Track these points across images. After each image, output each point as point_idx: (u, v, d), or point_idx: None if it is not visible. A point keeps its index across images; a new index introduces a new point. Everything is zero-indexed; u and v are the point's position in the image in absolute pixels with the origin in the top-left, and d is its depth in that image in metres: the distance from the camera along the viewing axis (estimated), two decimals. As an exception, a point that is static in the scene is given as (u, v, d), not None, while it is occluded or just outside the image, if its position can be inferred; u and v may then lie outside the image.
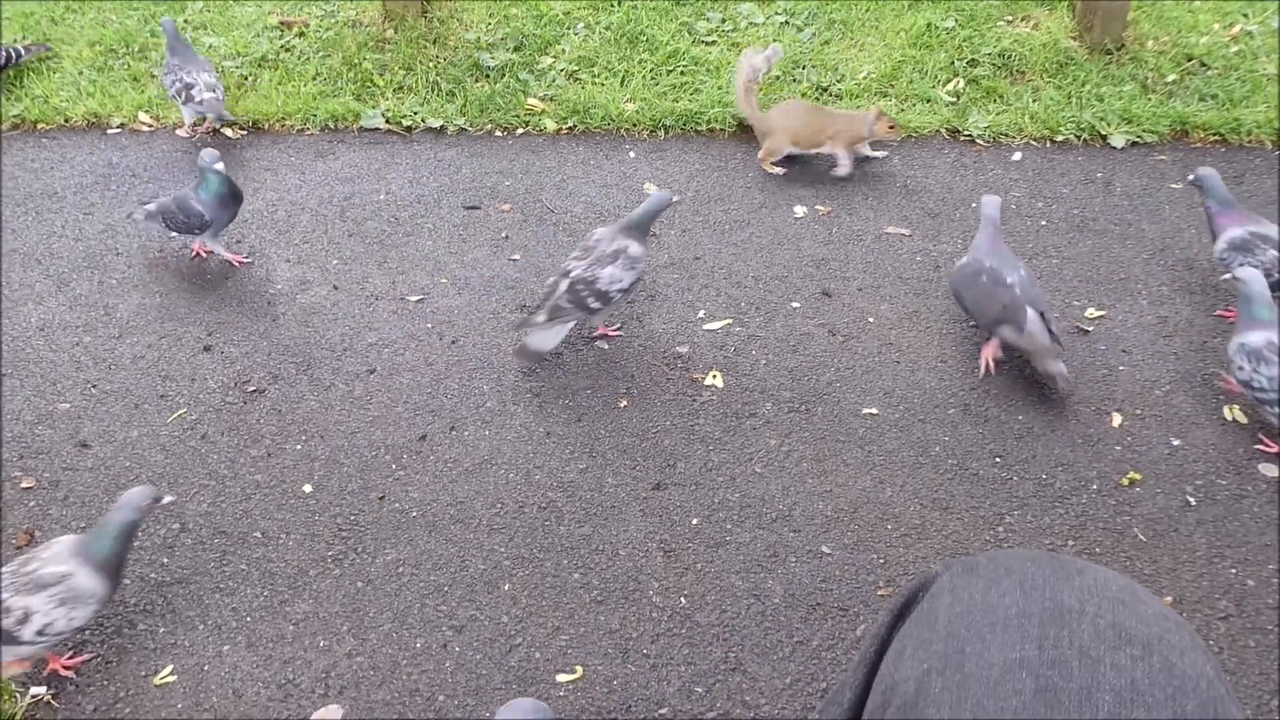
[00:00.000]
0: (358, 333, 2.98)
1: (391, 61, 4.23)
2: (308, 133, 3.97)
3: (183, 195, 3.16)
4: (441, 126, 3.94)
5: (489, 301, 3.05)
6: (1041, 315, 2.63)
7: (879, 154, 3.67)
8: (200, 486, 2.56)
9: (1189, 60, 4.06)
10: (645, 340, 2.90)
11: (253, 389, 2.80)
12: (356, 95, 4.10)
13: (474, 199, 3.52)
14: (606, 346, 2.87)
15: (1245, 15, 4.31)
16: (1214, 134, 3.73)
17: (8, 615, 2.01)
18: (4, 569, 2.09)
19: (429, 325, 2.99)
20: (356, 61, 4.25)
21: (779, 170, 3.60)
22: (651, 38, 4.28)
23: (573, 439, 2.64)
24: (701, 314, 2.98)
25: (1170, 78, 3.97)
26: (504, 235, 3.33)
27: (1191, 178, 2.98)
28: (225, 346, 2.96)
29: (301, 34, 4.50)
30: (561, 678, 2.15)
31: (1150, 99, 3.88)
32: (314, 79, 4.19)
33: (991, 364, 2.75)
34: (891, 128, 3.48)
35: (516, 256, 3.24)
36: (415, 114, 3.99)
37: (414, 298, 3.10)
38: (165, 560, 2.41)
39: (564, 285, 2.70)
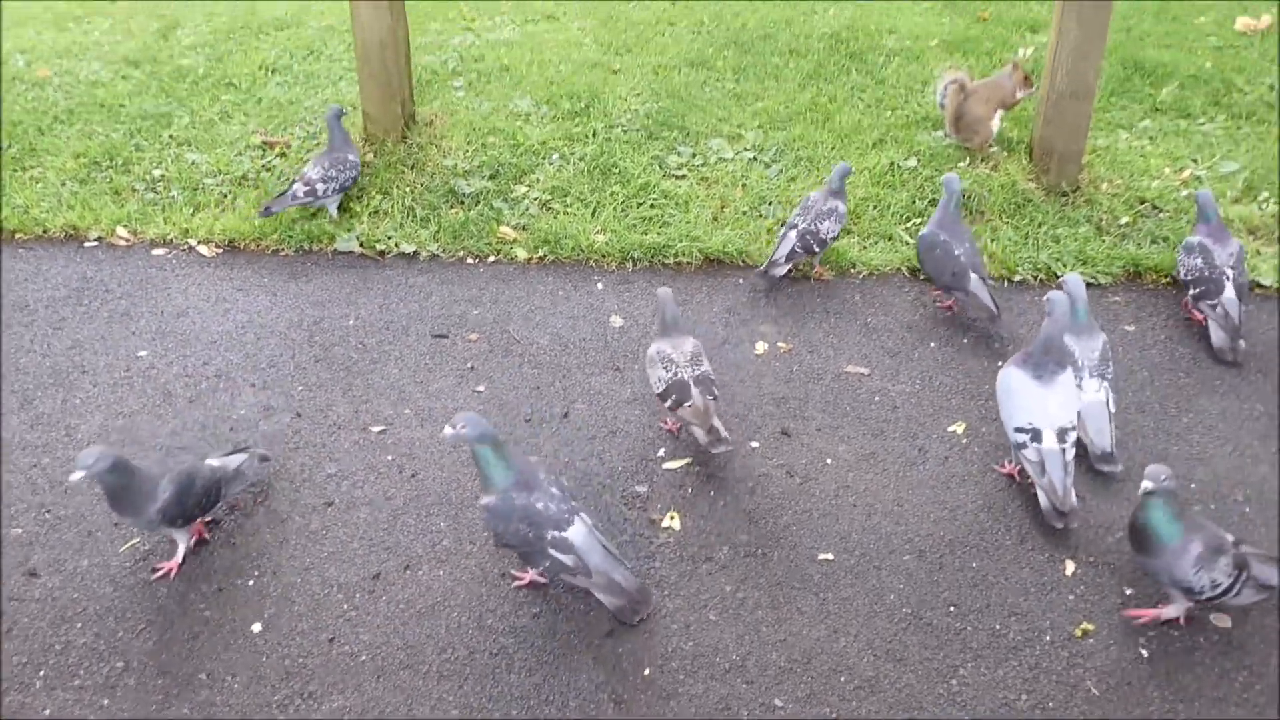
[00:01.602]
0: (318, 463, 2.98)
1: (369, 185, 4.32)
2: (283, 253, 4.02)
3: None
4: (415, 252, 4.01)
5: (451, 434, 3.05)
6: (983, 279, 3.47)
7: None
8: (147, 623, 2.52)
9: (1141, 203, 4.19)
10: (605, 478, 2.91)
11: (208, 519, 2.78)
12: (332, 218, 4.17)
13: (442, 327, 3.56)
14: (565, 483, 2.87)
15: (1194, 160, 4.47)
16: (1165, 276, 3.83)
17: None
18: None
19: (389, 457, 2.99)
20: (335, 185, 4.32)
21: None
22: (624, 170, 4.39)
23: (528, 580, 2.63)
24: (662, 452, 2.99)
25: (1123, 220, 4.10)
26: (470, 366, 3.36)
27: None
28: (184, 475, 2.94)
29: (283, 154, 4.60)
30: (504, 838, 2.09)
31: (1104, 241, 3.99)
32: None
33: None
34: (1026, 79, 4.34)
35: (481, 388, 3.26)
36: (389, 238, 4.06)
37: (376, 428, 3.10)
38: (105, 701, 2.35)
39: (793, 235, 3.66)
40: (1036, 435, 2.68)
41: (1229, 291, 3.37)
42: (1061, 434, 2.68)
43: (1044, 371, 2.73)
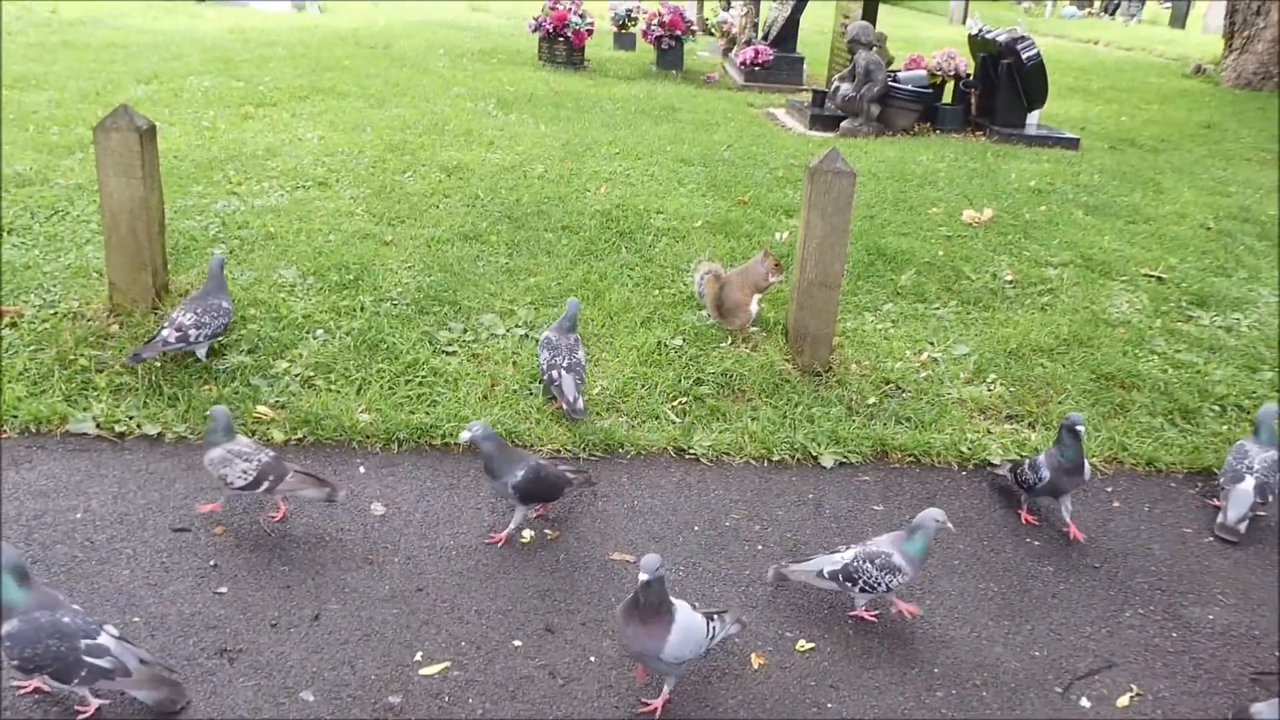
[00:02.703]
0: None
1: (112, 359, 4.06)
2: (4, 436, 3.68)
3: None
4: (159, 433, 3.76)
5: (185, 645, 2.81)
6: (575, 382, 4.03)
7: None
8: None
9: (887, 383, 4.51)
10: (356, 689, 2.73)
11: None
12: (67, 396, 3.88)
13: (184, 519, 3.32)
14: (311, 698, 2.68)
15: (931, 343, 4.89)
16: (909, 455, 4.10)
17: None
18: None
19: (111, 676, 2.70)
20: (72, 358, 4.05)
21: None
22: (392, 346, 4.34)
23: (264, 813, 2.40)
24: (419, 656, 2.86)
25: (871, 400, 4.39)
26: (212, 564, 3.13)
27: None
28: None
29: (14, 324, 4.27)
30: None
31: (854, 420, 4.25)
32: (20, 376, 3.94)
33: None
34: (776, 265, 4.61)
35: (224, 589, 3.04)
36: (131, 418, 3.80)
37: (98, 641, 2.81)
38: None
39: (570, 378, 4.03)
40: None
41: (1247, 483, 3.69)
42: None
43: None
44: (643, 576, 2.53)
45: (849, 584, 3.03)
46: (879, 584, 2.99)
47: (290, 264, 4.94)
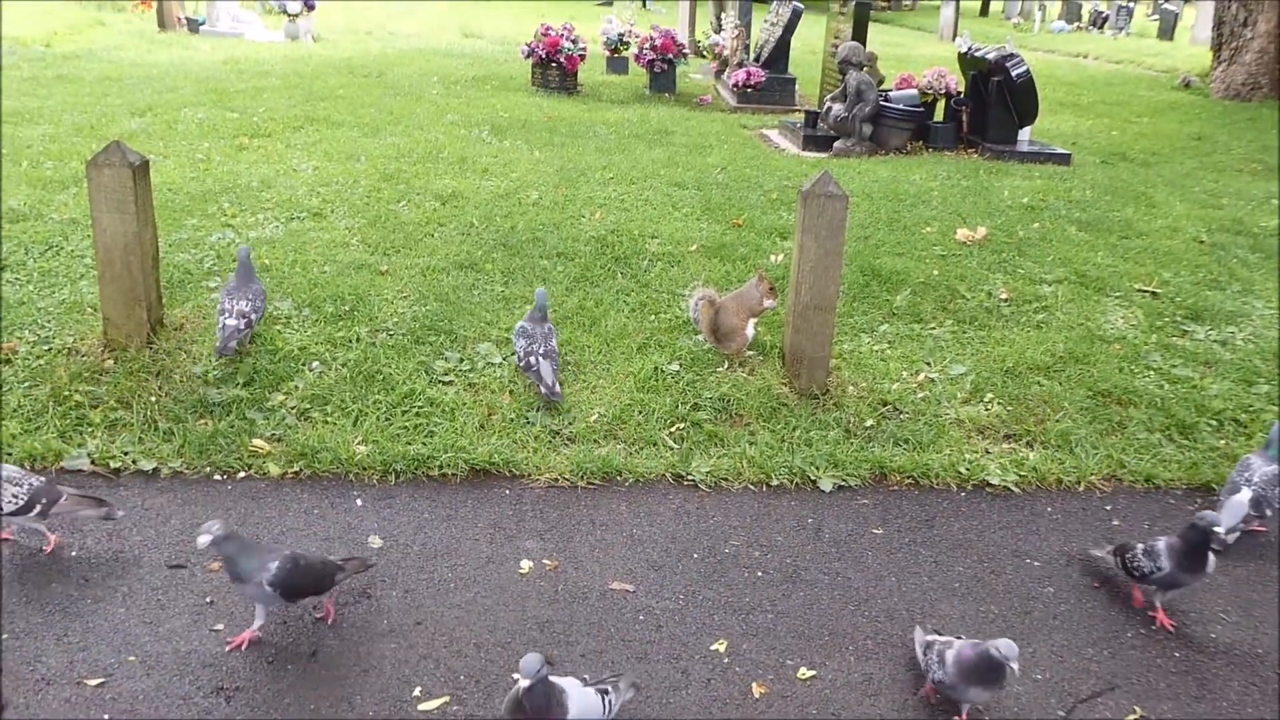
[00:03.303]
0: (19, 730, 2.63)
1: (107, 394, 4.06)
2: None
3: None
4: (155, 469, 3.75)
5: (180, 684, 2.79)
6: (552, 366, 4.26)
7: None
8: None
9: (884, 405, 4.51)
10: (354, 726, 2.72)
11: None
12: (61, 433, 3.87)
13: (180, 555, 3.31)
14: (311, 735, 2.66)
15: (928, 364, 4.88)
16: (908, 477, 4.09)
17: None
18: None
19: (106, 717, 2.69)
20: (67, 394, 4.04)
21: None
22: (388, 376, 4.34)
23: None
24: (418, 691, 2.84)
25: (868, 422, 4.38)
26: (208, 600, 3.12)
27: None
28: None
29: (9, 360, 4.26)
30: None
31: (852, 443, 4.24)
32: (14, 413, 3.94)
33: None
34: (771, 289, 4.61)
35: (220, 626, 3.02)
36: (126, 454, 3.80)
37: (93, 681, 2.79)
38: None
39: (547, 363, 4.27)
40: None
41: (1243, 494, 3.66)
42: None
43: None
44: (523, 683, 2.40)
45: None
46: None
47: (286, 296, 4.94)
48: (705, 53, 14.50)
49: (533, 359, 4.26)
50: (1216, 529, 3.13)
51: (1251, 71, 14.45)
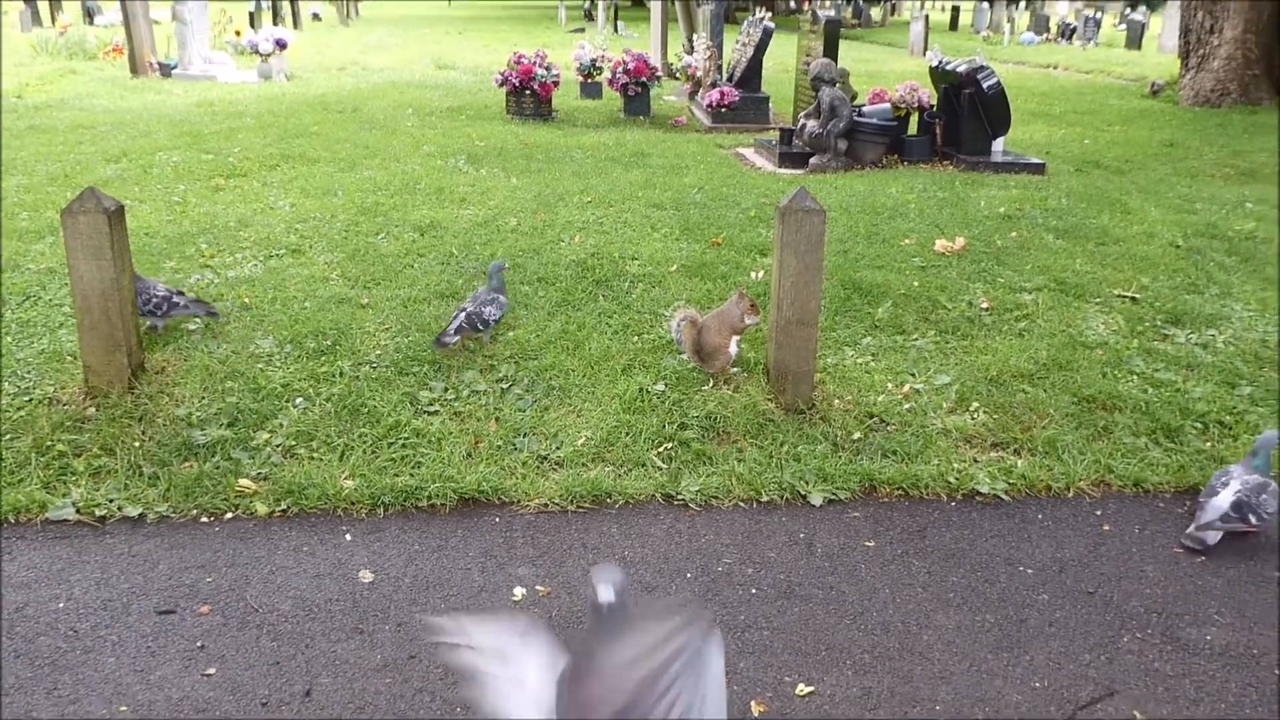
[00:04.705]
0: (10, 784, 2.60)
1: (90, 442, 4.03)
2: (-18, 527, 3.63)
3: None
4: (141, 514, 3.73)
5: (174, 731, 2.77)
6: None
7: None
8: None
9: (870, 418, 4.52)
10: (351, 764, 2.69)
11: None
12: (45, 483, 3.84)
13: (169, 600, 3.28)
14: (307, 776, 2.64)
15: (912, 375, 4.91)
16: (898, 489, 4.11)
17: None
18: None
19: (100, 768, 2.66)
20: (49, 444, 4.02)
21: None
22: (373, 409, 4.33)
23: None
24: (414, 726, 2.82)
25: (856, 435, 4.40)
26: (199, 645, 3.09)
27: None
28: None
29: (-11, 412, 4.23)
30: None
31: (841, 456, 4.26)
32: (-3, 466, 3.91)
33: None
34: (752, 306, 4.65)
35: (211, 671, 2.99)
36: (111, 501, 3.77)
37: (85, 732, 2.77)
38: None
39: (462, 316, 4.81)
40: None
41: (1221, 497, 3.72)
42: None
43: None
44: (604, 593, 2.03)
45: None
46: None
47: (267, 334, 4.93)
48: (679, 74, 14.63)
49: (457, 309, 4.84)
50: None
51: (1220, 78, 14.66)
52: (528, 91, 11.98)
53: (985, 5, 33.42)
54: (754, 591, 3.45)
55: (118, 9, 16.45)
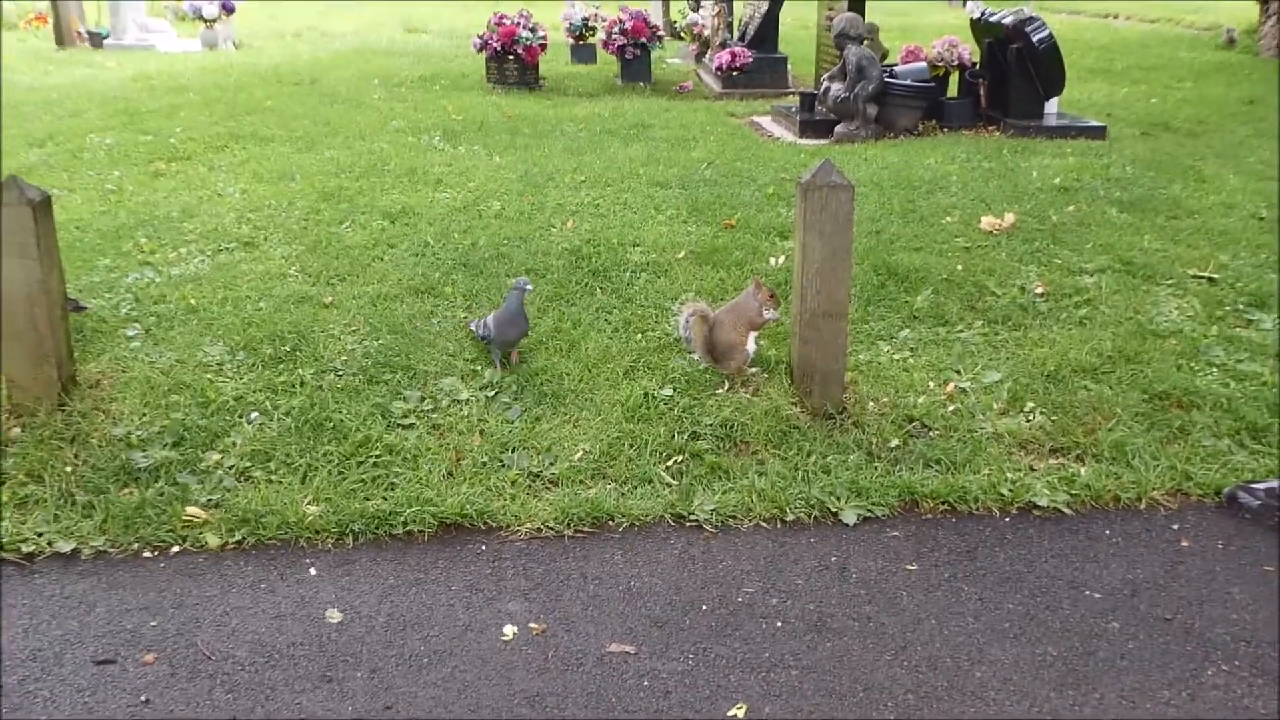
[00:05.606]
0: None
1: (15, 468, 4.04)
2: (-107, 566, 3.63)
3: None
4: (74, 550, 3.73)
5: (116, 797, 2.76)
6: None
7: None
8: None
9: (910, 422, 4.51)
10: (320, 832, 2.68)
11: None
12: (-36, 514, 3.84)
13: (108, 649, 3.28)
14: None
15: (957, 372, 4.89)
16: (943, 503, 4.09)
17: None
18: None
19: (31, 841, 2.65)
20: (-32, 470, 4.02)
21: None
22: (339, 424, 4.33)
23: None
24: (391, 786, 2.82)
25: (893, 443, 4.39)
26: (144, 699, 3.08)
27: None
28: None
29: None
30: None
31: (876, 467, 4.25)
32: (-91, 494, 3.91)
33: None
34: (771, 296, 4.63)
35: (158, 727, 2.99)
36: (40, 535, 3.78)
37: (15, 800, 2.76)
38: None
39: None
40: None
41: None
42: None
43: None
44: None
45: None
46: None
47: (216, 339, 4.94)
48: (683, 34, 14.64)
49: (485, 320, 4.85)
50: None
51: (1305, 23, 14.63)
52: (510, 57, 11.99)
53: (1033, -53, 33.42)
54: (779, 625, 3.44)
55: (41, -28, 16.52)
